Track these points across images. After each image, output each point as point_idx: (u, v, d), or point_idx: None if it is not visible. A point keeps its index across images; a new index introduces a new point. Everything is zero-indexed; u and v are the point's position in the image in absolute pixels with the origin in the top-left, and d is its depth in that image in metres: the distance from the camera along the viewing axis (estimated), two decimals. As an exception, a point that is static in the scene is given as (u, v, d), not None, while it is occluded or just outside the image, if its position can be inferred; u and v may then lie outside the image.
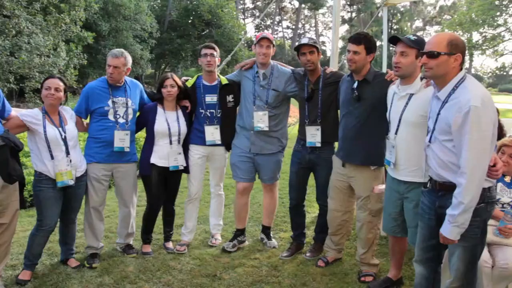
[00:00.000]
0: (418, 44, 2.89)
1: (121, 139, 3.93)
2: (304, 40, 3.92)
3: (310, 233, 4.48)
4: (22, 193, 3.50)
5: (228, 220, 5.15)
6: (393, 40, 3.02)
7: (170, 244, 4.35)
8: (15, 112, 3.58)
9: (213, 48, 4.20)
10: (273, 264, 3.98)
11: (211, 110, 4.25)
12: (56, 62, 11.86)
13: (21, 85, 11.79)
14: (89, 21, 17.31)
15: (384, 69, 6.63)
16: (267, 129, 4.13)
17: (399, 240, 3.38)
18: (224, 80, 4.29)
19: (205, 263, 4.00)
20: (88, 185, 3.96)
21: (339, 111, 3.87)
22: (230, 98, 4.29)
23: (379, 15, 7.96)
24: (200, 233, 4.71)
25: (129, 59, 4.00)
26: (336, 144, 4.01)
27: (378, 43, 42.13)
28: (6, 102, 3.46)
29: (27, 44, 11.48)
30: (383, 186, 3.47)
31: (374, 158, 3.52)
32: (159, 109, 4.13)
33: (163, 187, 4.21)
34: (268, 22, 53.48)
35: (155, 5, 29.61)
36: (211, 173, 4.55)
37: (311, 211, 5.40)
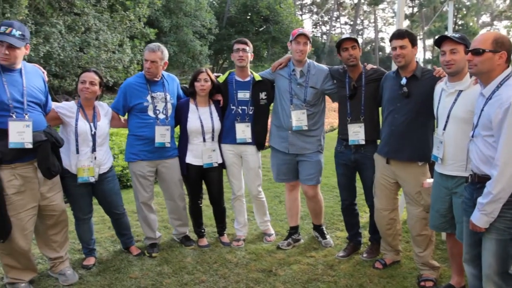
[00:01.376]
0: (465, 41, 2.93)
1: (162, 135, 3.94)
2: (347, 35, 3.85)
3: (367, 233, 4.40)
4: (63, 185, 3.60)
5: (284, 216, 5.16)
6: (438, 42, 3.03)
7: (225, 238, 4.43)
8: (54, 105, 3.68)
9: (246, 43, 4.13)
10: (329, 263, 3.95)
11: (243, 107, 4.18)
12: (122, 58, 12.37)
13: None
14: (152, 18, 17.87)
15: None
16: (306, 128, 4.05)
17: (457, 242, 3.25)
18: (257, 76, 4.23)
19: (260, 258, 4.04)
20: (135, 182, 4.07)
21: (380, 108, 3.80)
22: (263, 95, 4.21)
23: (444, 9, 7.66)
24: (256, 228, 4.75)
25: (166, 53, 3.98)
26: (378, 142, 3.92)
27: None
28: (49, 97, 3.54)
29: (95, 40, 12.05)
30: (431, 180, 3.38)
31: (421, 154, 3.45)
32: (192, 106, 4.11)
33: (201, 181, 4.26)
34: (326, 18, 52.80)
35: (214, 2, 30.05)
36: (246, 176, 4.42)
37: (367, 210, 5.29)
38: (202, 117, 4.07)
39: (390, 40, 3.49)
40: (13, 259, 3.31)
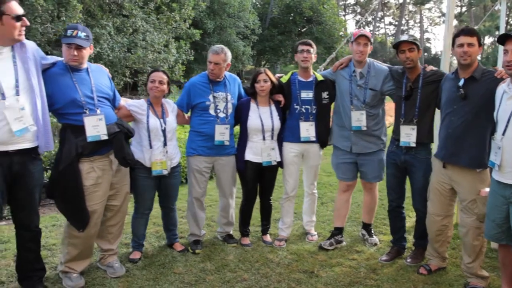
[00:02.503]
0: None
1: (221, 133, 4.07)
2: (404, 37, 3.78)
3: (411, 238, 4.32)
4: (131, 177, 3.81)
5: (326, 218, 5.15)
6: (502, 39, 2.90)
7: (267, 237, 4.46)
8: (123, 101, 3.88)
9: (310, 45, 4.20)
10: (371, 266, 3.91)
11: (306, 106, 4.24)
12: (167, 58, 12.68)
13: (135, 79, 12.79)
14: (196, 19, 18.19)
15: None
16: (365, 128, 4.06)
17: (510, 252, 3.13)
18: (319, 76, 4.29)
19: (302, 258, 4.04)
20: (190, 177, 4.19)
21: (438, 111, 3.72)
22: (325, 94, 4.27)
23: (496, 8, 7.38)
24: (297, 229, 4.76)
25: (229, 55, 4.11)
26: (432, 146, 3.85)
27: (490, 40, 39.02)
28: (117, 92, 3.75)
29: (142, 41, 12.41)
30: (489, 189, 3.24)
31: (479, 159, 3.31)
32: (252, 105, 4.20)
33: (258, 181, 4.30)
34: (370, 18, 51.93)
35: (257, 3, 30.23)
36: (304, 172, 4.55)
37: (412, 215, 5.18)
38: (263, 116, 4.16)
39: (457, 36, 3.37)
40: (76, 249, 3.48)
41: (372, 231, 4.54)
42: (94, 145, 3.28)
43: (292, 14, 28.27)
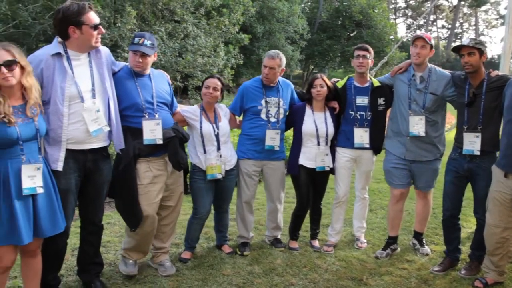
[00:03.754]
0: None
1: (272, 138, 4.09)
2: (465, 42, 3.66)
3: (465, 249, 4.16)
4: (185, 179, 3.91)
5: (375, 225, 5.05)
6: None
7: (316, 243, 4.43)
8: (179, 108, 4.00)
9: (366, 50, 4.15)
10: (423, 277, 3.79)
11: (361, 112, 4.19)
12: (216, 62, 12.89)
13: (185, 83, 13.07)
14: (246, 24, 18.37)
15: None
16: (423, 134, 3.94)
17: None
18: (376, 82, 4.22)
19: (350, 265, 3.99)
20: (240, 180, 4.23)
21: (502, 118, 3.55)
22: (381, 100, 4.20)
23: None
24: (346, 235, 4.70)
25: (284, 61, 4.14)
26: (498, 154, 3.66)
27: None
28: (174, 98, 3.88)
29: (192, 46, 12.68)
30: None
31: None
32: (308, 110, 4.20)
33: (312, 186, 4.28)
34: (422, 22, 50.53)
35: (306, 8, 30.15)
36: (357, 176, 4.50)
37: (466, 225, 5.01)
38: (317, 121, 4.15)
39: None
40: (134, 240, 3.63)
41: (424, 241, 4.41)
42: (150, 148, 3.41)
43: (341, 18, 27.98)
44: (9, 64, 2.56)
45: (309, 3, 31.07)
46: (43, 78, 2.93)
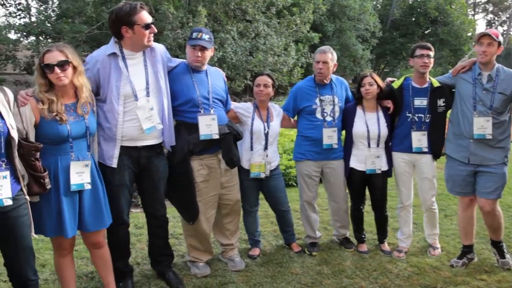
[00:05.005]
0: None
1: (329, 136, 4.02)
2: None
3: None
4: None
5: (450, 232, 4.83)
6: None
7: (385, 246, 4.33)
8: (232, 105, 4.03)
9: (430, 49, 3.93)
10: (503, 290, 3.59)
11: (420, 115, 3.99)
12: (286, 61, 12.94)
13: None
14: (316, 22, 18.22)
15: None
16: (490, 137, 3.67)
17: None
18: (435, 82, 3.99)
19: (423, 272, 3.85)
20: (300, 181, 4.22)
21: None
22: (441, 102, 3.97)
23: None
24: (418, 241, 4.54)
25: (335, 55, 4.07)
26: None
27: None
28: (229, 96, 3.93)
29: (263, 45, 12.83)
30: None
31: None
32: (359, 111, 4.09)
33: (364, 189, 4.20)
34: (504, 17, 47.31)
35: (378, 5, 29.32)
36: (419, 185, 4.20)
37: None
38: (369, 122, 4.04)
39: None
40: (196, 240, 3.76)
41: (504, 250, 4.03)
42: (205, 144, 3.47)
43: (415, 15, 26.90)
44: (62, 65, 2.69)
45: (381, 0, 30.18)
46: (100, 78, 3.08)
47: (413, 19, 26.88)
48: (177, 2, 12.36)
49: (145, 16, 3.10)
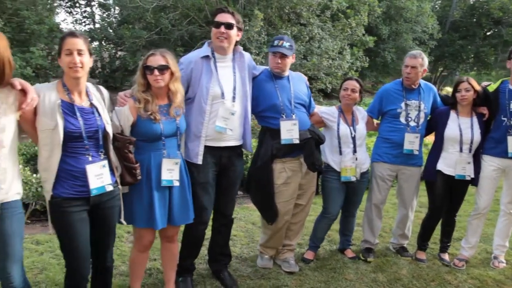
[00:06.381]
0: None
1: (410, 142, 3.96)
2: None
3: None
4: (318, 179, 3.96)
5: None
6: None
7: (446, 256, 4.21)
8: (316, 109, 4.06)
9: None
10: None
11: None
12: (341, 65, 12.77)
13: (310, 85, 13.19)
14: (371, 25, 17.87)
15: None
16: None
17: None
18: None
19: (485, 285, 3.71)
20: (372, 183, 4.17)
21: None
22: None
23: None
24: (480, 252, 4.37)
25: (426, 60, 4.00)
26: None
27: None
28: (312, 99, 3.96)
29: (318, 49, 12.73)
30: None
31: None
32: (452, 114, 3.98)
33: (447, 195, 4.04)
34: None
35: (437, 6, 28.36)
36: (504, 189, 4.08)
37: None
38: (462, 126, 3.93)
39: None
40: (269, 236, 3.88)
41: None
42: (287, 148, 3.54)
43: (476, 16, 25.76)
44: (162, 69, 2.86)
45: (440, 1, 29.15)
46: (192, 78, 3.22)
47: (474, 20, 25.79)
48: (232, 7, 12.55)
49: (219, 17, 3.22)
